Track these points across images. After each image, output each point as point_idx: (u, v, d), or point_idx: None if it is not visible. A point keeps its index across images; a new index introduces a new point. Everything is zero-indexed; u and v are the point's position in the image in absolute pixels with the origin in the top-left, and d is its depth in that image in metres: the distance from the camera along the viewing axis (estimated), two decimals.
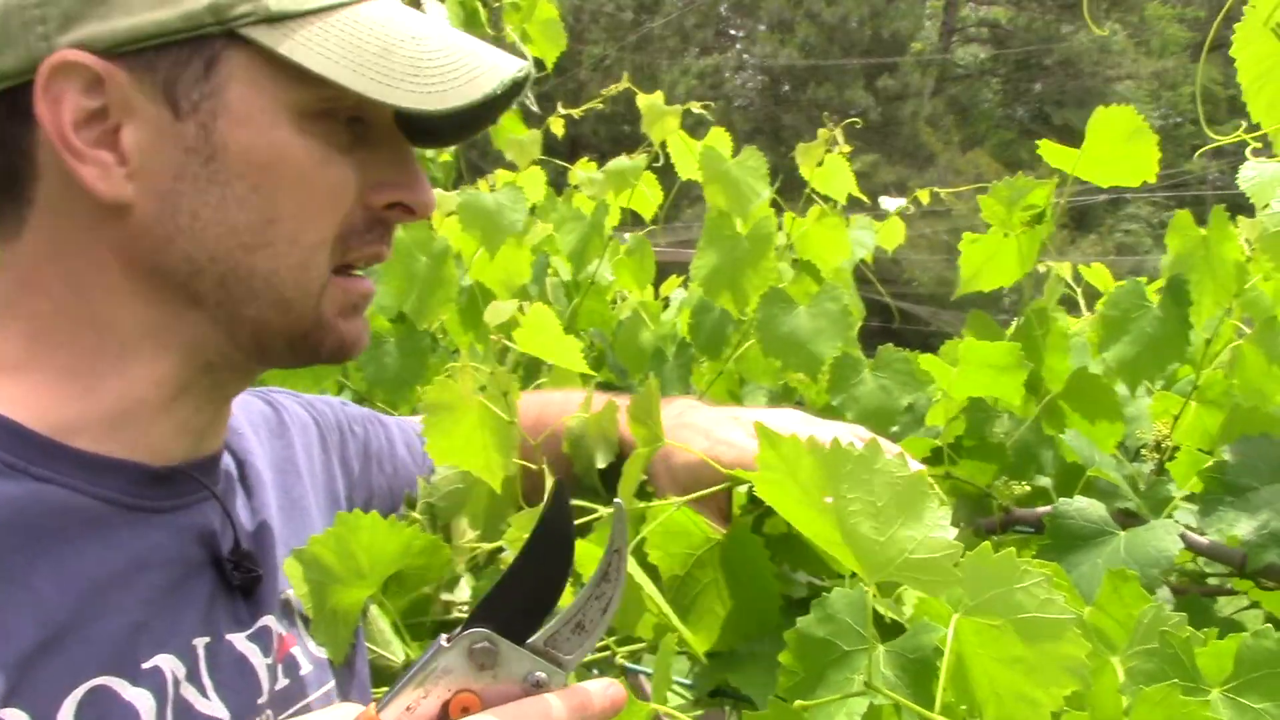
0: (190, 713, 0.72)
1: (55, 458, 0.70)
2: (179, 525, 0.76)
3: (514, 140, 1.80)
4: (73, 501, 0.70)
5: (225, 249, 0.73)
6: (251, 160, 0.72)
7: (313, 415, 1.02)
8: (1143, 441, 1.26)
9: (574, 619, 0.58)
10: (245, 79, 0.71)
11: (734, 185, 1.47)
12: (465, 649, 0.56)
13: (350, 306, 0.79)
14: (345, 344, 0.79)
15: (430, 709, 0.56)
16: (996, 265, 1.18)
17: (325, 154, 0.74)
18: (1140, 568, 0.73)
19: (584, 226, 1.78)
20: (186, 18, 0.69)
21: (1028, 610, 0.55)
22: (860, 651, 0.61)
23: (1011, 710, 0.56)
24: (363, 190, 0.77)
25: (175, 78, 0.71)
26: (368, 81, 0.71)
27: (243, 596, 0.80)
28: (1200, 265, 1.10)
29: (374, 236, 0.78)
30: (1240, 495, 0.83)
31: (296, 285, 0.75)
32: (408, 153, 0.80)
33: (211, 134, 0.71)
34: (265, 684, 0.79)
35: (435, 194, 1.71)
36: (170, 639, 0.72)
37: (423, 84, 0.73)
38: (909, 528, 0.54)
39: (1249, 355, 1.11)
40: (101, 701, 0.67)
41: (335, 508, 0.98)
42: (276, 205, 0.73)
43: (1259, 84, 0.85)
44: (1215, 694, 0.57)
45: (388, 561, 0.81)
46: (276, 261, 0.74)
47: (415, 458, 1.09)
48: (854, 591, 0.63)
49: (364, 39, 0.73)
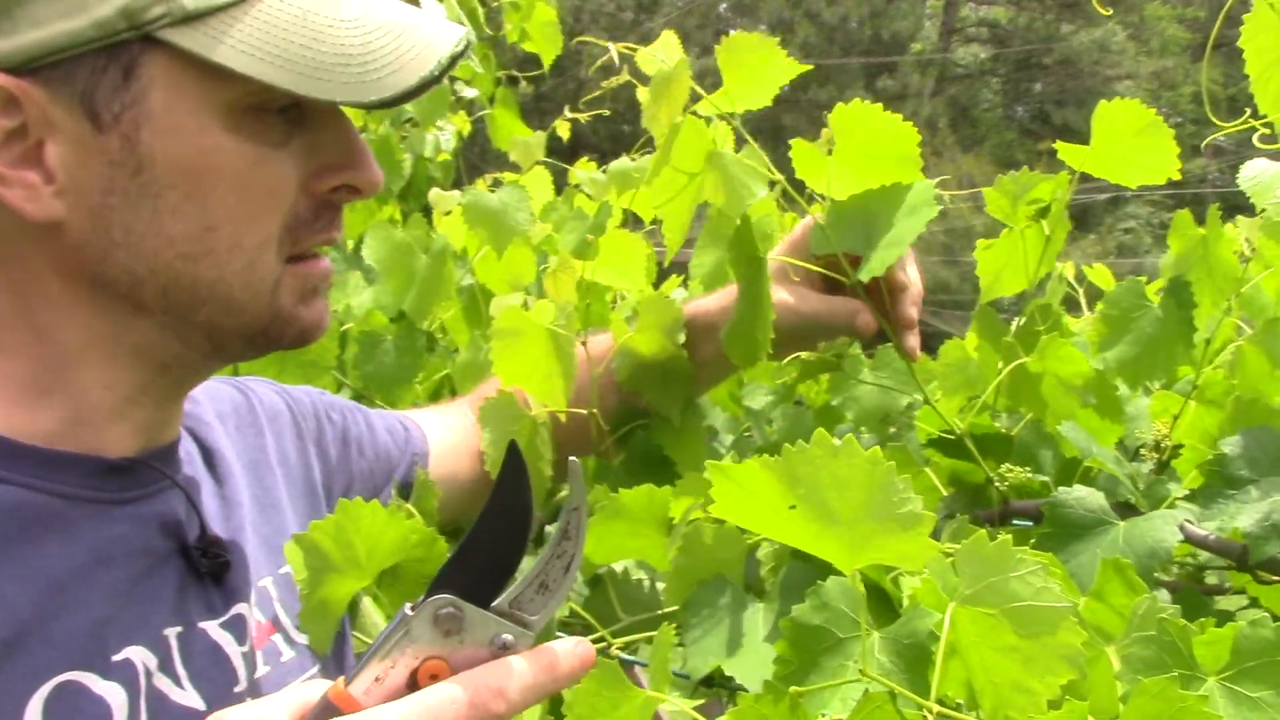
0: (165, 703, 0.72)
1: (8, 457, 0.70)
2: (141, 515, 0.75)
3: (518, 141, 1.80)
4: (29, 499, 0.69)
5: (164, 261, 0.71)
6: (181, 169, 0.69)
7: (286, 402, 1.01)
8: (1142, 441, 1.27)
9: (537, 579, 0.58)
10: (166, 83, 0.68)
11: (731, 183, 1.47)
12: (430, 616, 0.56)
13: (309, 291, 0.77)
14: (305, 330, 0.77)
15: (399, 678, 0.56)
16: (1015, 268, 1.17)
17: (259, 153, 0.71)
18: (1138, 558, 0.73)
19: (585, 227, 1.77)
20: (99, 25, 0.66)
21: (1023, 599, 0.55)
22: (854, 638, 0.61)
23: (1008, 698, 0.56)
24: (305, 179, 0.74)
25: (93, 88, 0.67)
26: (296, 76, 0.68)
27: (214, 584, 0.79)
28: (1199, 265, 1.10)
29: (323, 223, 0.76)
30: (1240, 488, 0.83)
31: (245, 288, 0.73)
32: (348, 131, 0.76)
33: (136, 145, 0.68)
34: (242, 672, 0.78)
35: (435, 193, 1.71)
36: (139, 630, 0.72)
37: (355, 73, 0.69)
38: (875, 509, 0.54)
39: (1249, 355, 1.11)
40: (70, 697, 0.66)
41: (311, 495, 0.97)
42: (212, 212, 0.71)
43: (1267, 75, 0.84)
44: (1212, 682, 0.57)
45: (385, 553, 0.80)
46: (220, 269, 0.72)
47: (397, 443, 1.08)
48: (848, 579, 0.63)
49: (288, 29, 0.69)
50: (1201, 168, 15.99)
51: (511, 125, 2.15)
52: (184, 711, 0.73)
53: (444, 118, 2.02)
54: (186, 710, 0.73)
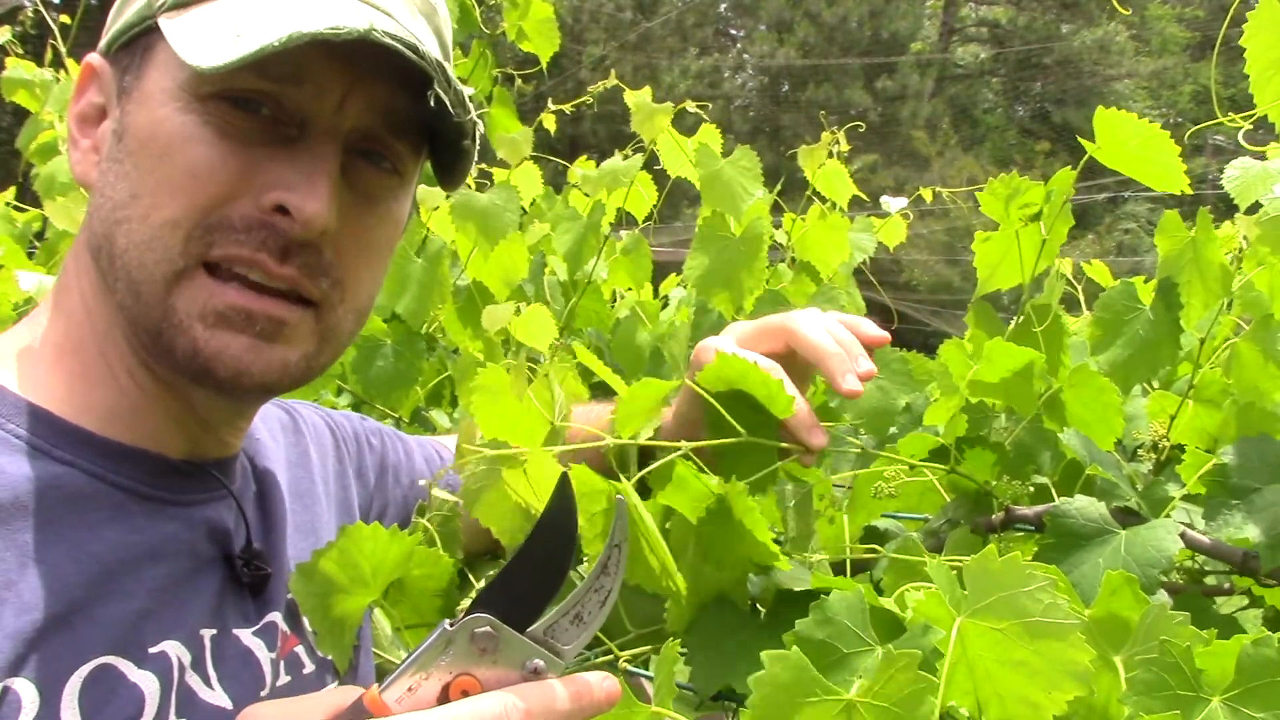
0: (194, 700, 0.73)
1: (77, 442, 0.72)
2: (193, 519, 0.77)
3: (506, 138, 1.79)
4: (93, 488, 0.71)
5: (105, 225, 0.74)
6: (139, 135, 0.73)
7: (329, 425, 1.03)
8: (1140, 441, 1.26)
9: (573, 610, 0.60)
10: (159, 63, 0.74)
11: (726, 185, 1.46)
12: (468, 634, 0.58)
13: (216, 315, 0.72)
14: (201, 355, 0.72)
15: (431, 690, 0.57)
16: (1012, 262, 1.17)
17: (200, 134, 0.71)
18: (1140, 568, 0.73)
19: (580, 226, 1.77)
20: (140, 11, 0.75)
21: (1032, 614, 0.55)
22: (860, 653, 0.60)
23: (1013, 711, 0.56)
24: (254, 185, 0.72)
25: (126, 67, 0.76)
26: (193, 50, 0.67)
27: (251, 594, 0.81)
28: (1189, 266, 1.09)
29: (251, 239, 0.71)
30: (1244, 497, 0.82)
31: (141, 266, 0.71)
32: (320, 165, 0.73)
33: (125, 115, 0.75)
34: (269, 678, 0.80)
35: (421, 190, 1.69)
36: (177, 627, 0.74)
37: (236, 43, 0.67)
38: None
39: (1245, 353, 1.10)
40: (108, 680, 0.68)
41: (348, 517, 0.99)
42: (141, 180, 0.72)
43: (1269, 73, 0.83)
44: (1216, 702, 0.56)
45: (390, 569, 0.81)
46: (129, 238, 0.72)
47: (433, 470, 1.11)
48: (852, 594, 0.62)
49: (239, 16, 0.69)
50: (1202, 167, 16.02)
51: (509, 124, 2.15)
52: (212, 710, 0.74)
53: None
54: (214, 709, 0.74)
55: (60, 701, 0.65)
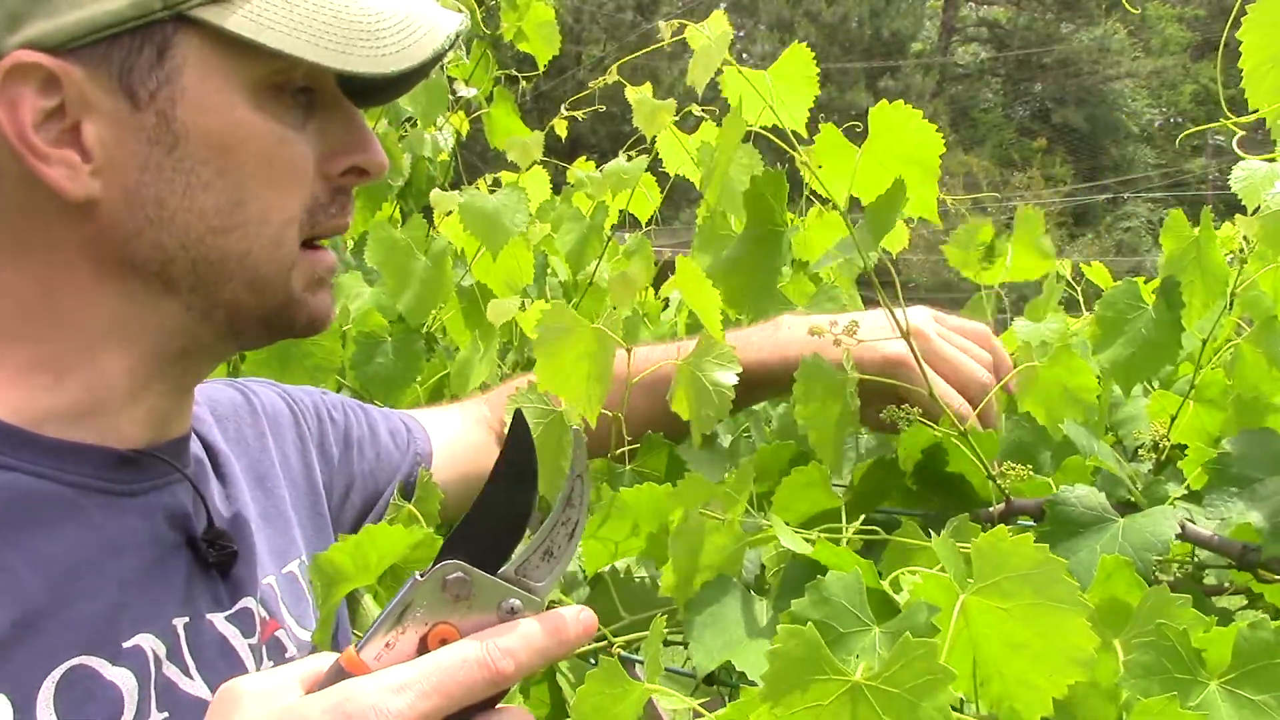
0: (173, 692, 0.72)
1: (20, 445, 0.70)
2: (151, 507, 0.76)
3: (516, 141, 1.79)
4: (40, 487, 0.70)
5: (195, 235, 0.73)
6: (214, 144, 0.72)
7: (288, 403, 1.01)
8: (1140, 441, 1.26)
9: (542, 546, 0.59)
10: (198, 61, 0.71)
11: (726, 184, 1.47)
12: (439, 582, 0.57)
13: (317, 280, 0.79)
14: (316, 318, 0.80)
15: (409, 644, 0.57)
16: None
17: (283, 132, 0.74)
18: (1136, 552, 0.73)
19: (582, 227, 1.77)
20: (136, 5, 0.68)
21: (1041, 595, 0.55)
22: (857, 633, 0.61)
23: (1013, 691, 0.56)
24: (319, 162, 0.77)
25: (130, 68, 0.70)
26: (323, 50, 0.71)
27: (221, 576, 0.80)
28: (1192, 266, 1.10)
29: (336, 208, 0.79)
30: (1245, 486, 0.83)
31: (270, 263, 0.75)
32: (355, 115, 0.80)
33: (172, 122, 0.71)
34: (250, 665, 0.79)
35: (435, 194, 1.70)
36: (150, 619, 0.73)
37: (376, 48, 0.73)
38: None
39: (1247, 354, 1.11)
40: (82, 681, 0.67)
41: (313, 495, 0.98)
42: (244, 186, 0.73)
43: (1264, 69, 0.81)
44: (1214, 686, 0.57)
45: (393, 558, 0.81)
46: (249, 242, 0.74)
47: (400, 444, 1.08)
48: (850, 575, 0.63)
49: (310, 6, 0.72)
50: (1202, 167, 16.00)
51: (509, 125, 2.14)
52: (192, 700, 0.73)
53: (442, 116, 2.01)
54: (194, 699, 0.73)
55: (35, 707, 0.64)
